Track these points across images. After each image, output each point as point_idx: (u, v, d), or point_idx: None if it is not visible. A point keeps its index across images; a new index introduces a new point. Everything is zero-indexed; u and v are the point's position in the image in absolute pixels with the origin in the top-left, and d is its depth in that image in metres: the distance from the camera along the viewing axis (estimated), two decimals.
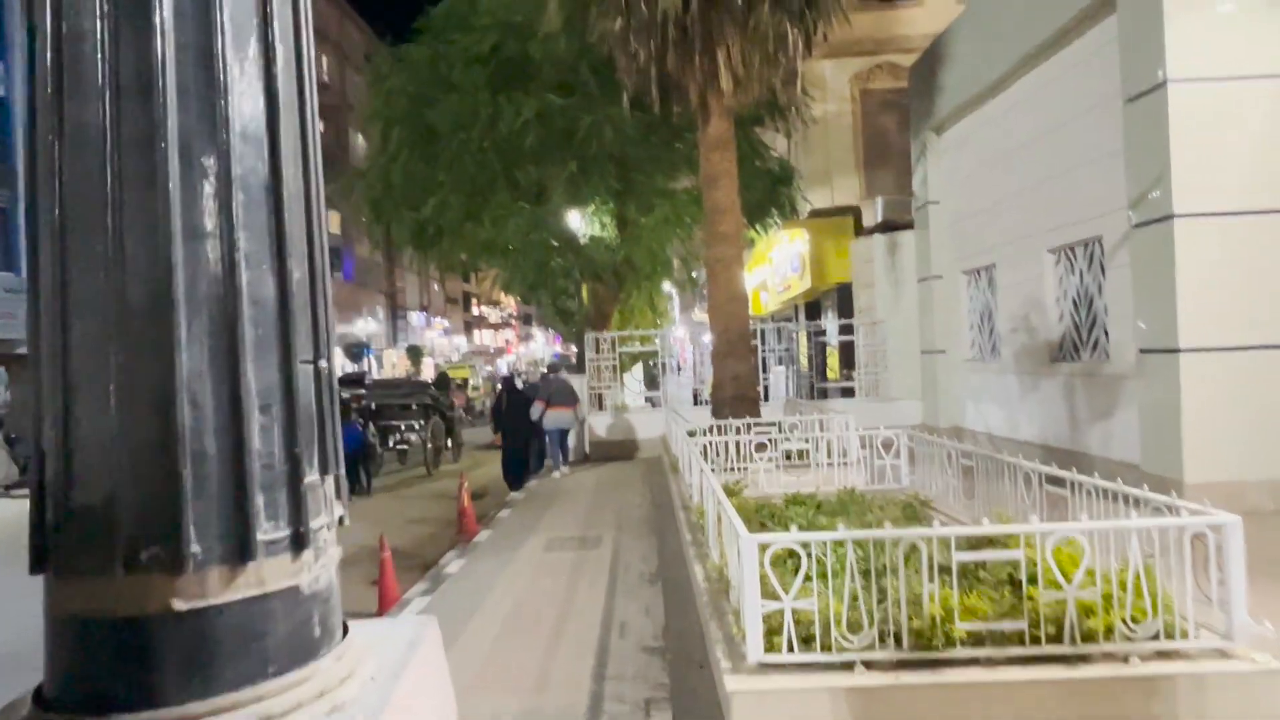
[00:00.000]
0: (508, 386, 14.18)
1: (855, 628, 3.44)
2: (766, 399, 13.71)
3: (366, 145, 26.20)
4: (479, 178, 13.94)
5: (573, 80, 13.46)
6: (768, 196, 15.25)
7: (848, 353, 15.28)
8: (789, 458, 8.52)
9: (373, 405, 16.46)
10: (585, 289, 16.94)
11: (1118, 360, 8.47)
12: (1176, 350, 7.15)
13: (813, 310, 18.99)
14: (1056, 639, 3.38)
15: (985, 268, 11.73)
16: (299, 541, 0.89)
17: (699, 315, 29.89)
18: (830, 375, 17.04)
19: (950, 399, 12.67)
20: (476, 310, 74.65)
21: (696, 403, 15.48)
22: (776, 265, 19.09)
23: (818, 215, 16.23)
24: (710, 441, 8.36)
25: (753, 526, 5.42)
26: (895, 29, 16.75)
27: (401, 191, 14.61)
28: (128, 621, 0.82)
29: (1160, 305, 7.36)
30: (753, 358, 11.19)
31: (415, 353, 51.10)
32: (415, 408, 16.53)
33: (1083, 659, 3.38)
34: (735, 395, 10.11)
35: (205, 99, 0.86)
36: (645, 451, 13.37)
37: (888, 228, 14.46)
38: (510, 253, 15.39)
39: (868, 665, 3.40)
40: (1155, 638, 3.39)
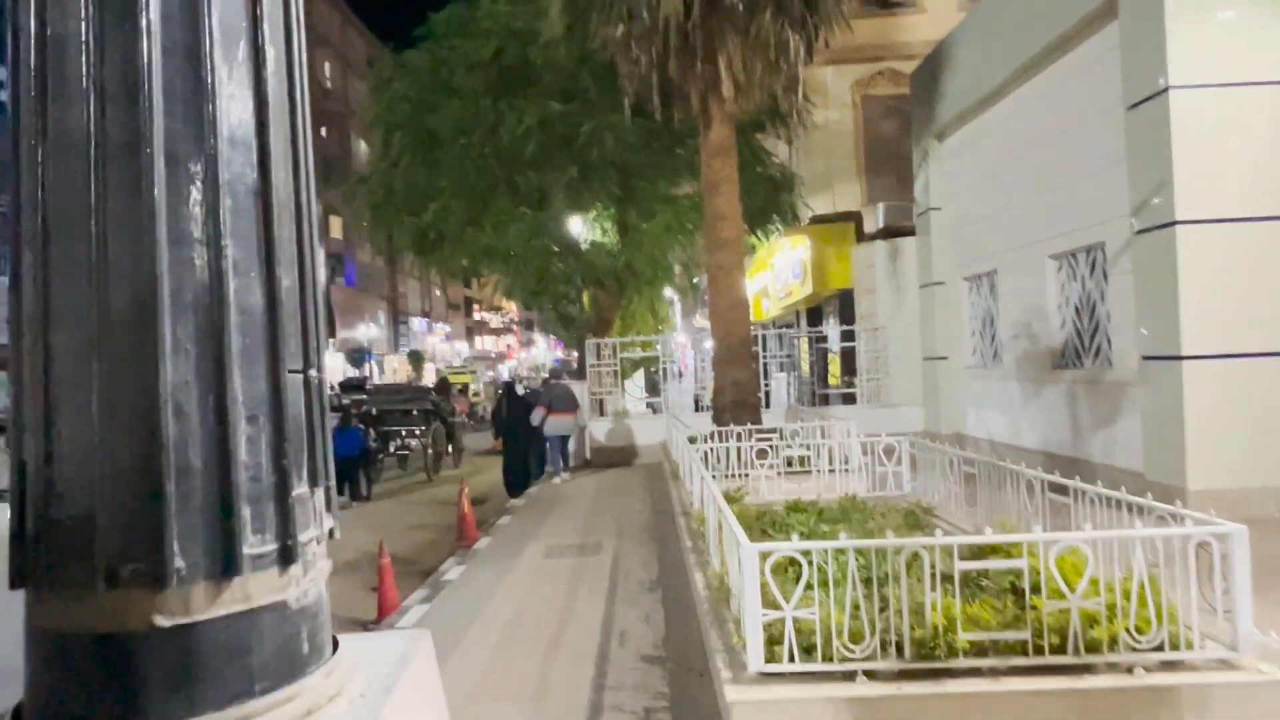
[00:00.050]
0: (508, 392, 14.17)
1: (857, 637, 3.41)
2: (768, 405, 13.67)
3: (369, 151, 26.25)
4: (480, 183, 13.93)
5: (574, 86, 13.47)
6: (769, 202, 15.23)
7: (849, 359, 15.26)
8: (790, 464, 8.49)
9: (374, 410, 16.46)
10: (586, 295, 16.93)
11: (1120, 367, 8.44)
12: (1179, 357, 7.12)
13: (814, 316, 18.97)
14: (1060, 649, 3.35)
15: (987, 274, 11.71)
16: (286, 555, 0.87)
17: (700, 321, 29.88)
18: (832, 381, 17.01)
19: (952, 405, 12.64)
20: (478, 315, 74.73)
21: (698, 409, 15.46)
22: (778, 271, 19.08)
23: (819, 221, 16.23)
24: (711, 448, 8.33)
25: (753, 534, 5.40)
26: (897, 35, 16.76)
27: (403, 197, 14.61)
28: (109, 638, 0.80)
29: (1163, 312, 7.33)
30: (754, 364, 11.16)
31: (416, 358, 51.14)
32: (416, 413, 16.53)
33: (1087, 669, 3.35)
34: (736, 401, 10.07)
35: (192, 103, 0.84)
36: (646, 457, 13.34)
37: (889, 234, 14.44)
38: (511, 258, 15.38)
39: (869, 675, 3.37)
40: (1160, 648, 3.35)
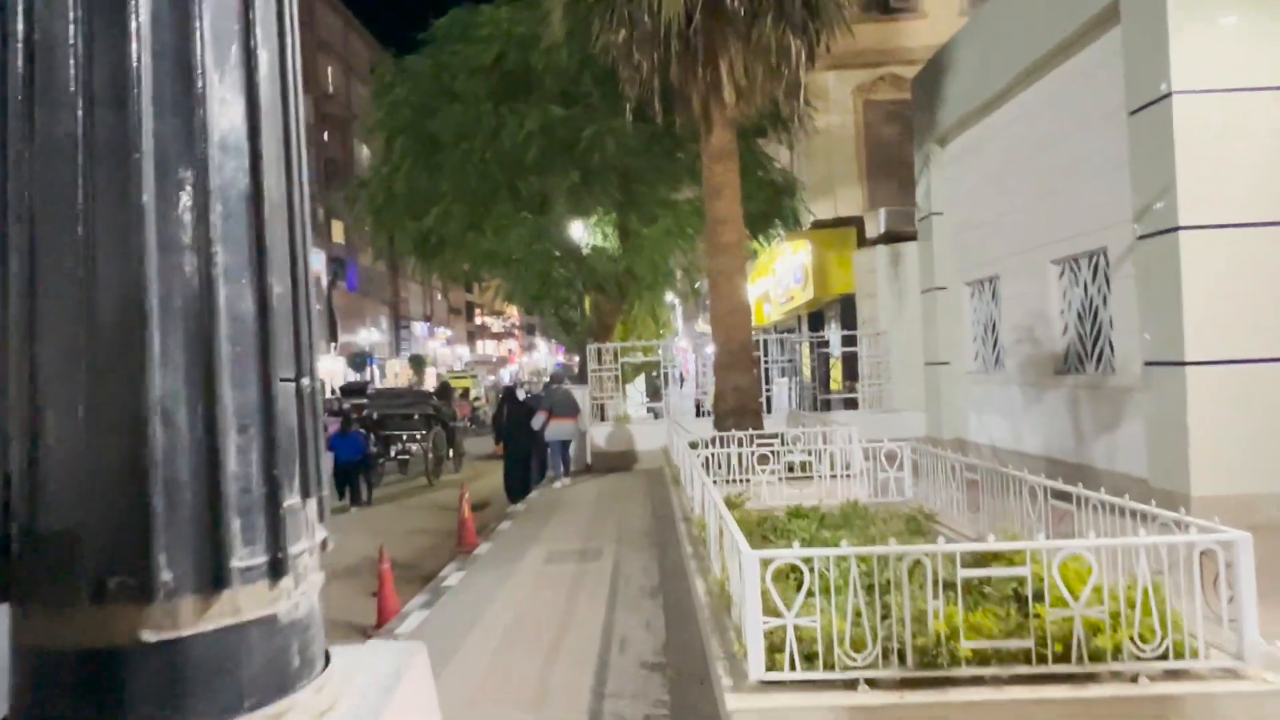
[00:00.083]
0: (509, 397, 14.16)
1: (859, 645, 3.39)
2: (769, 410, 13.65)
3: (371, 155, 26.29)
4: (481, 188, 13.94)
5: (575, 91, 13.48)
6: (770, 207, 15.23)
7: (851, 364, 15.24)
8: (791, 470, 8.47)
9: (374, 415, 16.44)
10: (588, 300, 16.92)
11: (1123, 373, 8.42)
12: (1183, 363, 7.10)
13: (816, 321, 18.96)
14: (1064, 658, 3.33)
15: (989, 279, 11.69)
16: (277, 568, 0.85)
17: (702, 326, 29.87)
18: (833, 386, 16.99)
19: (954, 411, 12.61)
20: (479, 320, 74.78)
21: (699, 414, 15.45)
22: (779, 276, 19.07)
23: (820, 226, 16.22)
24: (712, 453, 8.31)
25: (754, 540, 5.37)
26: (898, 41, 16.77)
27: (404, 201, 14.62)
28: (95, 654, 0.78)
29: (1166, 317, 7.31)
30: (755, 369, 11.14)
31: (418, 362, 51.16)
32: (417, 418, 16.51)
33: (1090, 678, 3.33)
34: (737, 407, 10.06)
35: (183, 107, 0.83)
36: (647, 463, 13.31)
37: (891, 239, 14.43)
38: (513, 263, 15.38)
39: (871, 684, 3.35)
40: (1164, 657, 3.33)
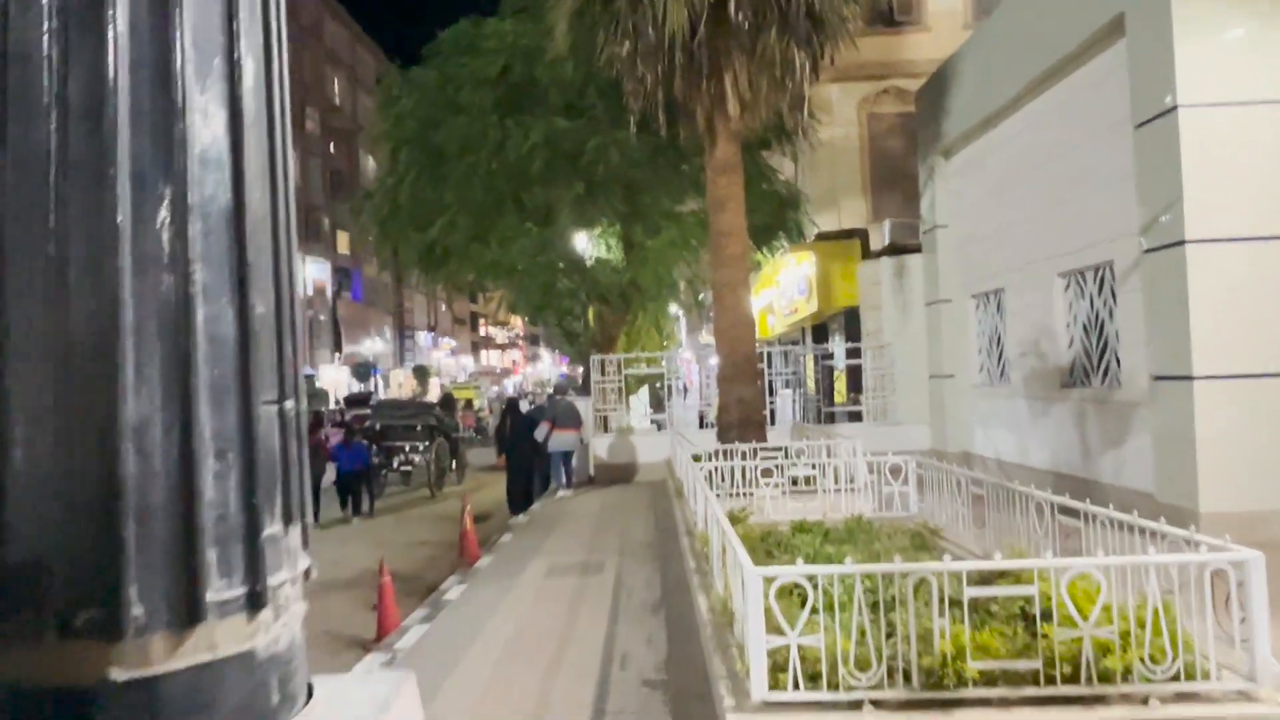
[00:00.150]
0: (512, 409, 14.11)
1: (863, 665, 3.33)
2: (773, 423, 13.59)
3: (377, 167, 26.38)
4: (486, 199, 13.95)
5: (580, 103, 13.51)
6: (775, 219, 15.21)
7: (855, 376, 15.17)
8: (795, 483, 8.40)
9: (377, 426, 16.41)
10: (591, 311, 16.91)
11: (1130, 387, 8.35)
12: (1190, 377, 7.04)
13: (820, 333, 18.90)
14: (1072, 679, 3.26)
15: (994, 292, 11.64)
16: (255, 600, 0.82)
17: (706, 337, 29.83)
18: (837, 399, 16.92)
19: (959, 424, 12.53)
20: (483, 330, 74.90)
21: (702, 425, 15.38)
22: (783, 288, 19.04)
23: (825, 238, 16.20)
24: (715, 466, 8.25)
25: (758, 555, 5.32)
26: (902, 54, 16.79)
27: (409, 212, 14.64)
28: (60, 692, 0.74)
29: (1173, 331, 7.25)
30: (759, 381, 11.07)
31: (422, 373, 51.22)
32: (420, 429, 16.47)
33: (1100, 700, 3.26)
34: (741, 419, 10.00)
35: (162, 120, 0.80)
36: (650, 474, 13.25)
37: (895, 251, 14.39)
38: (516, 274, 15.38)
39: (876, 704, 3.29)
40: (1175, 678, 3.26)
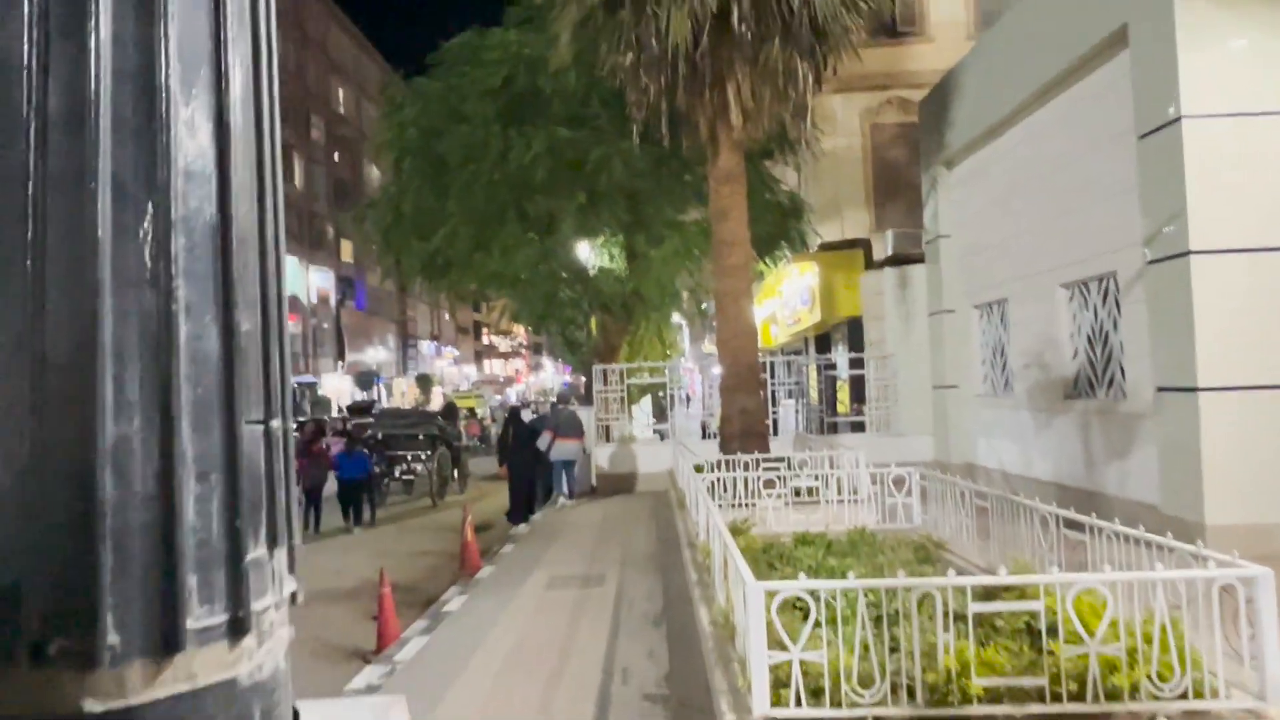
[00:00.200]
0: (514, 418, 14.07)
1: (866, 681, 3.29)
2: (775, 433, 13.54)
3: (382, 176, 26.45)
4: (489, 209, 13.97)
5: (583, 113, 13.54)
6: (777, 229, 15.21)
7: (858, 386, 15.13)
8: (798, 494, 8.36)
9: (379, 435, 16.39)
10: (594, 320, 16.90)
11: (1134, 398, 8.31)
12: (1195, 389, 6.99)
13: (823, 343, 18.87)
14: (1079, 696, 3.22)
15: (997, 302, 11.61)
16: (238, 627, 0.79)
17: (708, 347, 29.80)
18: (840, 409, 16.87)
19: (962, 435, 12.48)
20: (486, 339, 74.97)
21: (705, 435, 15.32)
22: (786, 298, 19.01)
23: (828, 248, 16.18)
24: (718, 477, 8.22)
25: (760, 567, 5.28)
26: (905, 64, 16.82)
27: (412, 221, 14.67)
28: None
29: (1178, 343, 7.21)
30: (761, 391, 11.06)
31: (425, 381, 51.22)
32: (422, 438, 16.45)
33: (1106, 718, 3.22)
34: (743, 429, 9.97)
35: (145, 132, 0.78)
36: (652, 484, 13.20)
37: (898, 261, 14.38)
38: (519, 283, 15.38)
39: None
40: (1183, 696, 3.22)
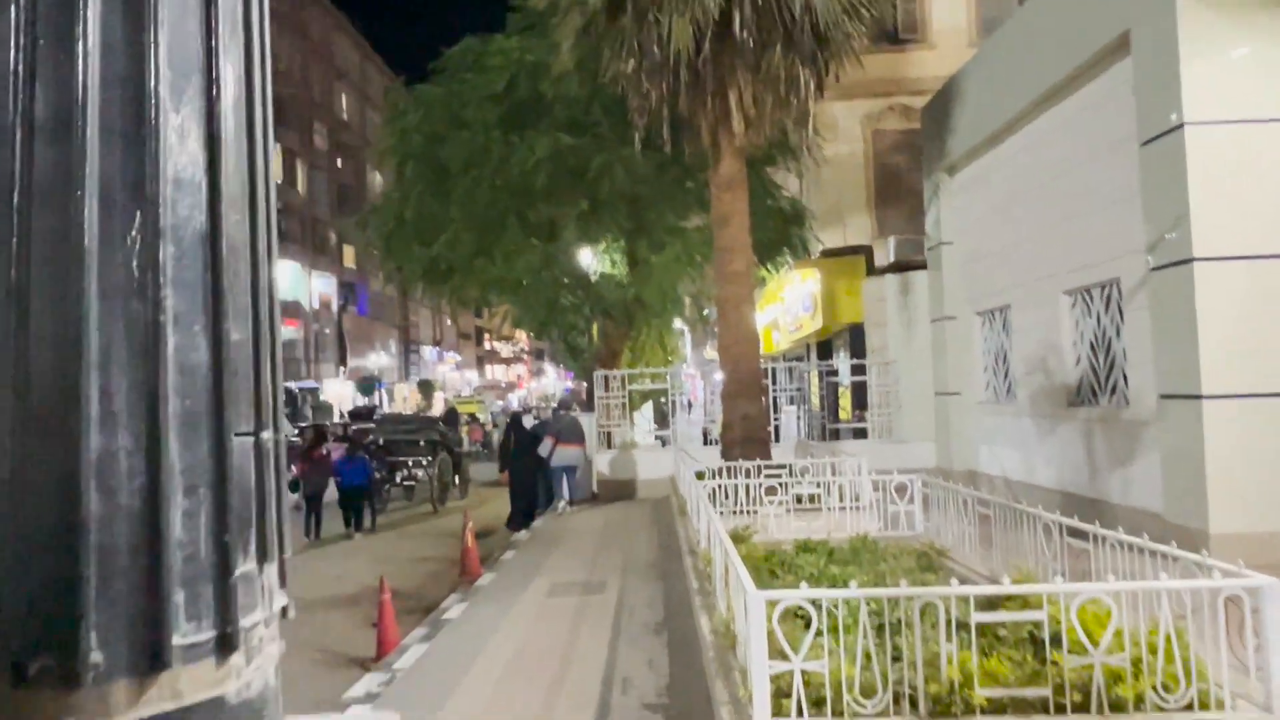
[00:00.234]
0: (515, 424, 14.04)
1: (868, 691, 3.26)
2: (777, 439, 13.51)
3: (384, 182, 26.51)
4: (490, 215, 13.96)
5: (585, 120, 13.54)
6: (779, 236, 15.20)
7: (860, 393, 15.09)
8: (800, 501, 8.33)
9: (380, 440, 16.36)
10: (595, 326, 16.88)
11: (1137, 405, 8.27)
12: (1199, 396, 6.96)
13: (825, 350, 18.84)
14: (1083, 707, 3.19)
15: (999, 309, 11.59)
16: (226, 644, 0.77)
17: (710, 353, 29.78)
18: (842, 416, 16.83)
19: (964, 441, 12.44)
20: (488, 345, 75.00)
21: (706, 442, 15.29)
22: (788, 304, 19.00)
23: (830, 255, 16.17)
24: (719, 484, 8.19)
25: (761, 575, 5.25)
26: (907, 71, 16.83)
27: (414, 227, 14.66)
28: None
29: (1181, 350, 7.19)
30: (763, 398, 11.03)
31: (426, 387, 51.23)
32: (423, 444, 16.42)
33: None
34: (745, 436, 9.94)
35: (134, 140, 0.76)
36: (654, 491, 13.17)
37: (900, 268, 14.36)
38: (521, 289, 15.37)
39: None
40: (1189, 708, 3.19)
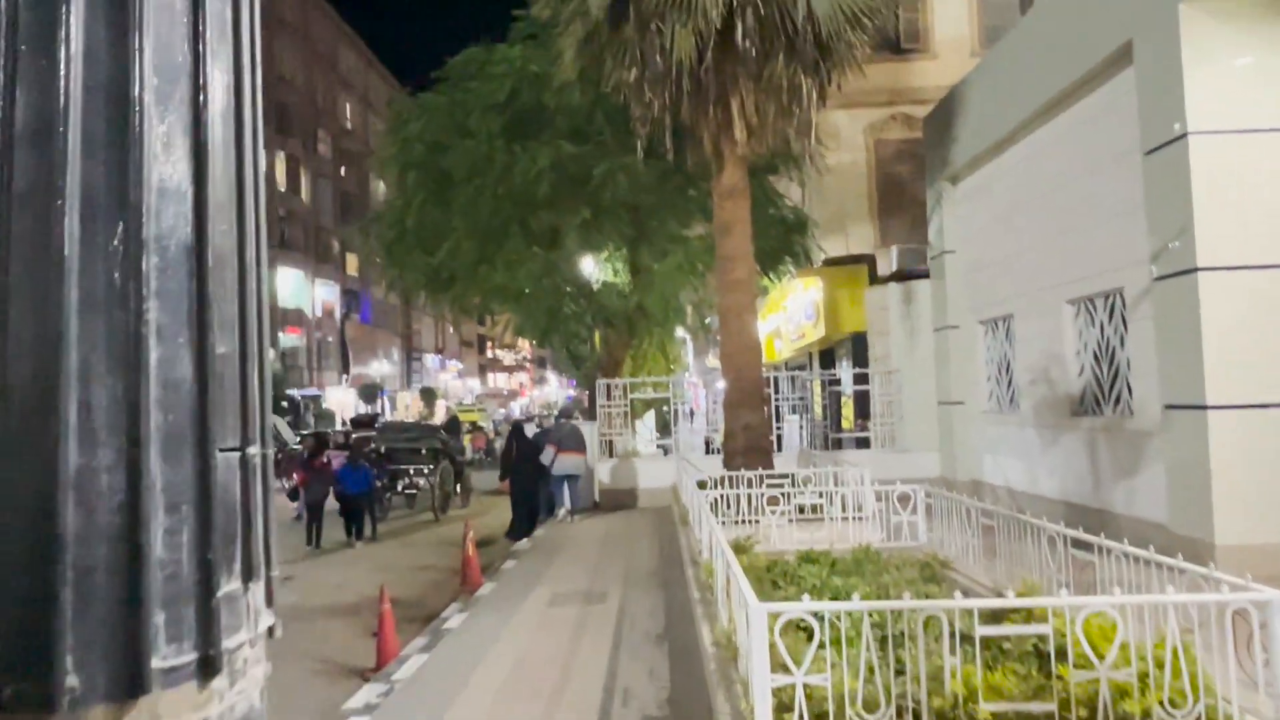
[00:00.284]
0: (517, 433, 13.98)
1: (871, 705, 3.22)
2: (779, 449, 13.46)
3: (387, 190, 26.55)
4: (492, 223, 13.97)
5: (587, 128, 13.55)
6: (782, 244, 15.20)
7: (863, 402, 15.05)
8: (802, 511, 8.29)
9: (381, 449, 16.32)
10: (597, 334, 16.87)
11: (1141, 416, 8.23)
12: (1204, 407, 6.92)
13: (827, 358, 18.80)
14: None
15: (1002, 318, 11.56)
16: (209, 666, 0.75)
17: (712, 361, 29.75)
18: (845, 425, 16.77)
19: (968, 451, 12.39)
20: (491, 353, 75.03)
21: (709, 451, 15.24)
22: (791, 313, 18.98)
23: (832, 263, 16.15)
24: (721, 494, 8.16)
25: (764, 586, 5.22)
26: (909, 80, 16.85)
27: (416, 235, 14.68)
28: None
29: (1186, 360, 7.15)
30: (765, 407, 10.99)
31: (429, 395, 51.24)
32: (425, 452, 16.37)
33: None
34: (747, 446, 9.90)
35: (116, 148, 0.75)
36: (656, 500, 13.12)
37: (903, 276, 14.34)
38: (523, 297, 15.37)
39: None
40: None
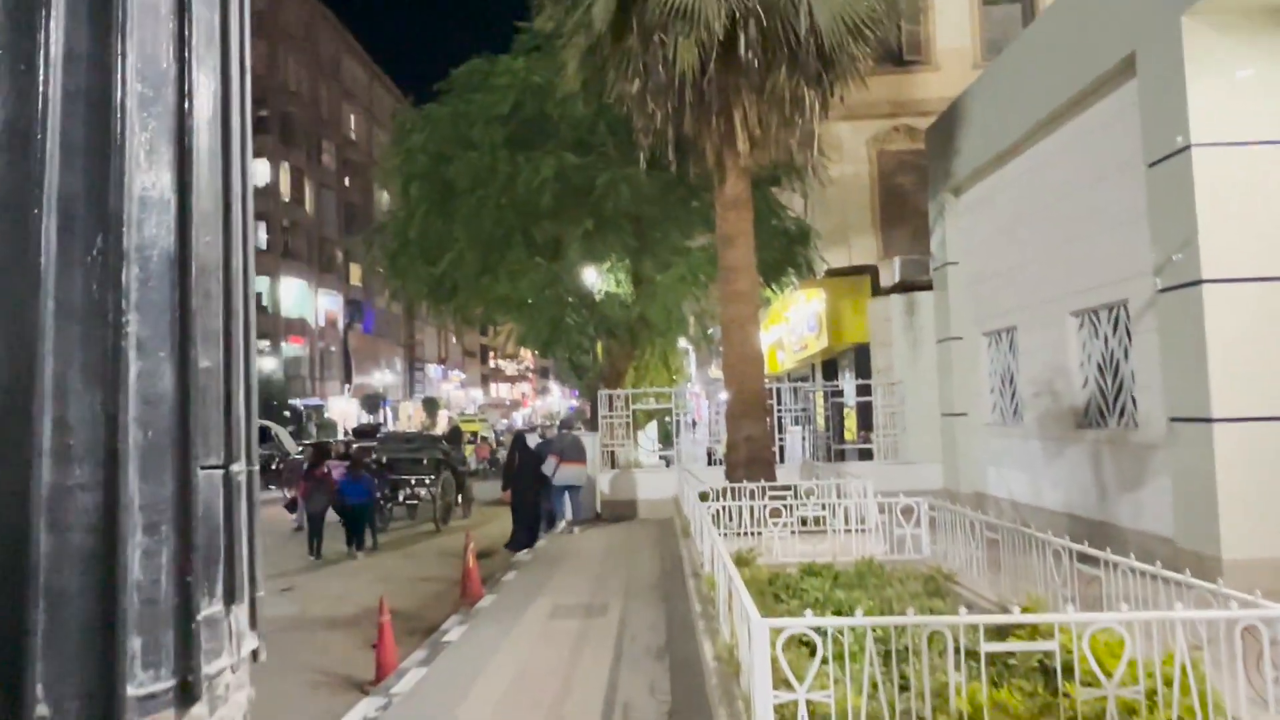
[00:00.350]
0: (519, 444, 13.94)
1: None
2: (782, 460, 13.42)
3: (390, 200, 26.62)
4: (495, 233, 13.99)
5: (590, 140, 13.59)
6: (784, 256, 15.20)
7: (865, 414, 15.01)
8: (804, 524, 8.23)
9: (383, 459, 16.29)
10: (600, 345, 16.85)
11: (1147, 428, 8.18)
12: (1209, 419, 6.88)
13: (830, 370, 18.77)
14: None
15: (1006, 330, 11.52)
16: (187, 693, 0.72)
17: (715, 372, 29.70)
18: (848, 436, 16.73)
19: (971, 463, 12.33)
20: (493, 363, 75.06)
21: (711, 462, 15.20)
22: (793, 324, 18.96)
23: (835, 275, 16.15)
24: (723, 506, 8.11)
25: (766, 599, 5.17)
26: (911, 92, 16.89)
27: (419, 246, 14.70)
28: None
29: (1191, 372, 7.11)
30: (768, 418, 10.96)
31: (431, 405, 51.25)
32: (426, 462, 16.33)
33: None
34: (749, 457, 9.85)
35: (97, 155, 0.72)
36: (657, 511, 13.06)
37: (905, 288, 14.32)
38: (526, 308, 15.37)
39: None
40: None
